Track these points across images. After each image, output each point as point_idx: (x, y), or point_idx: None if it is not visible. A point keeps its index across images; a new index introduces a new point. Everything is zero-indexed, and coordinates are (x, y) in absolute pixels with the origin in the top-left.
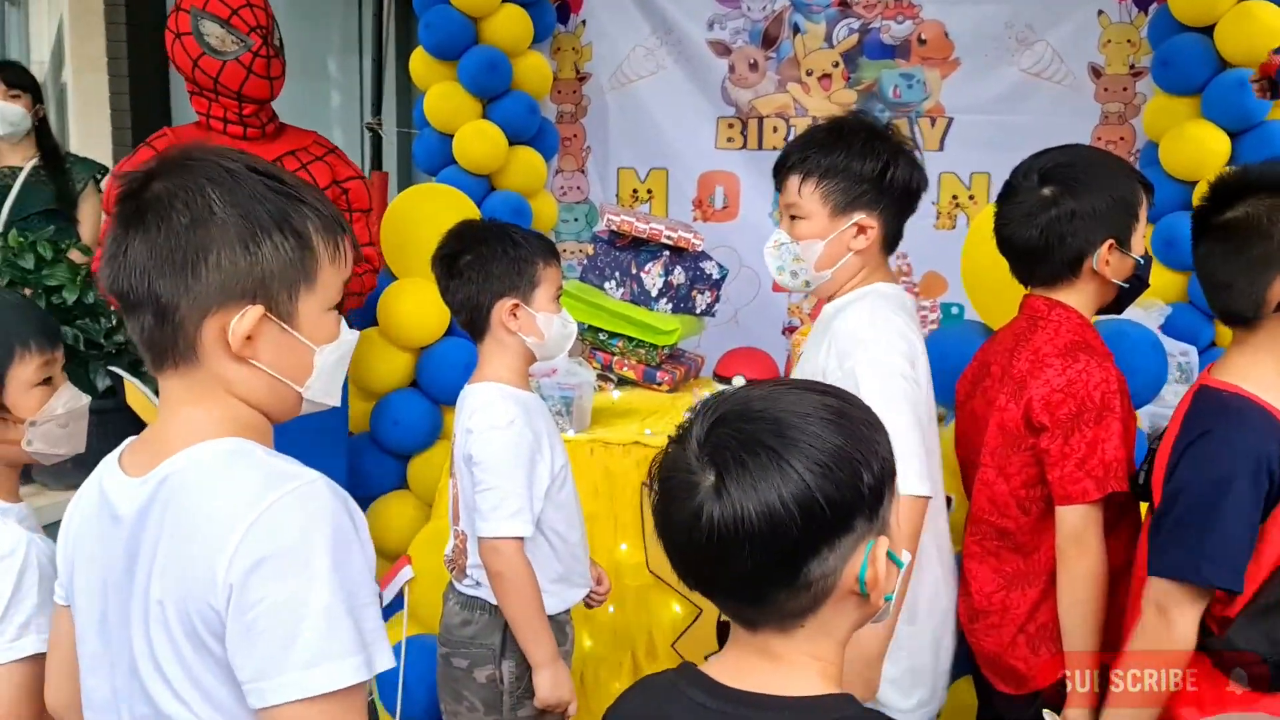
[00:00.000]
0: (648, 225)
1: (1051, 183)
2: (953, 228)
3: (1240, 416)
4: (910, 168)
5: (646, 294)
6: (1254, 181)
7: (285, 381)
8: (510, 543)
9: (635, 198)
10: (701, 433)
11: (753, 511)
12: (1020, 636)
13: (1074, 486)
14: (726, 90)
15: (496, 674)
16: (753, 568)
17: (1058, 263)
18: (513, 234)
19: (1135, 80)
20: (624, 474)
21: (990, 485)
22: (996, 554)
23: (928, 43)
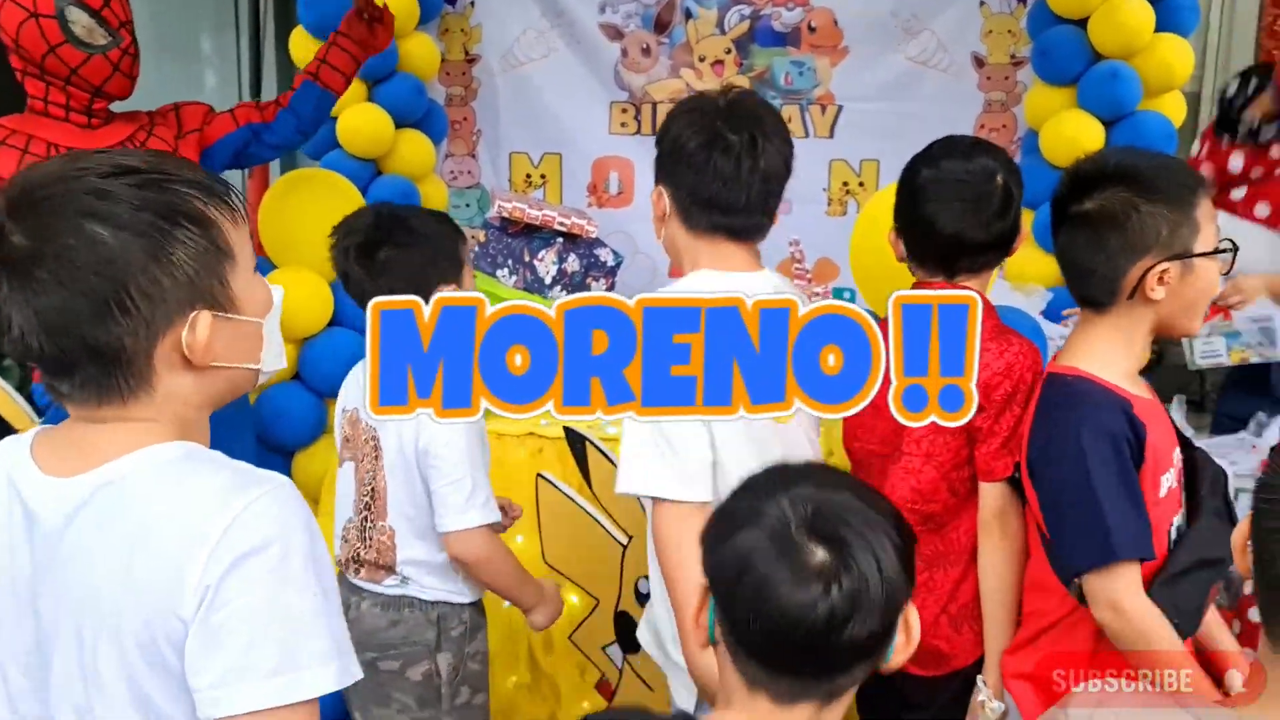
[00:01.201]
0: (540, 212)
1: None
2: (844, 214)
3: (1085, 397)
4: (684, 125)
5: (540, 282)
6: (1110, 173)
7: (244, 367)
8: (485, 530)
9: (528, 183)
10: (792, 509)
11: (875, 584)
12: (943, 617)
13: (997, 463)
14: (619, 75)
15: (432, 669)
16: (860, 642)
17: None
18: (429, 217)
19: (1016, 70)
20: (518, 466)
21: (916, 473)
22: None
23: (818, 30)
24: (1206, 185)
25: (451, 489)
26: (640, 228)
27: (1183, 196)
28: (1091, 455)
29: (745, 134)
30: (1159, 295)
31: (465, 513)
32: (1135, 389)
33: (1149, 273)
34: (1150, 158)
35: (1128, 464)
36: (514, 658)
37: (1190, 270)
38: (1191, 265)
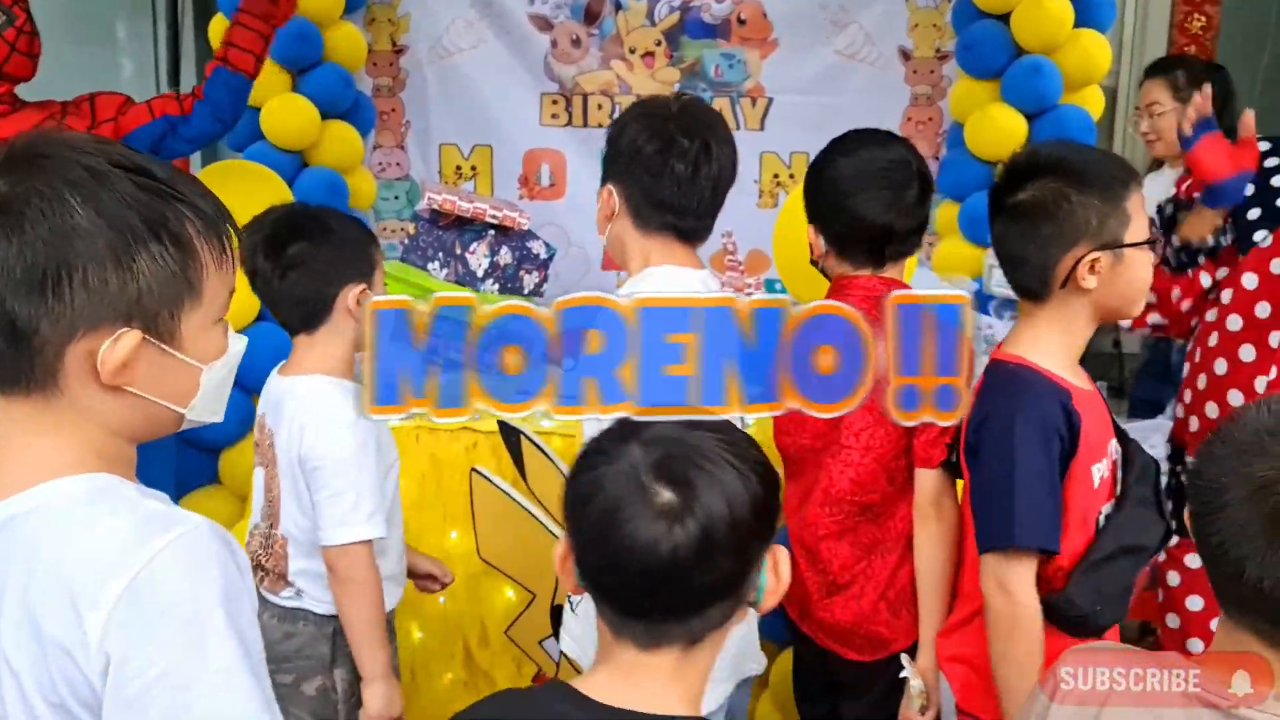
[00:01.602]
0: (471, 204)
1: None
2: (775, 206)
3: (1026, 386)
4: (647, 141)
5: (472, 275)
6: (1043, 164)
7: (165, 405)
8: (362, 547)
9: (459, 175)
10: (642, 452)
11: (720, 524)
12: (881, 602)
13: (935, 450)
14: (550, 66)
15: (327, 684)
16: (711, 583)
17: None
18: (338, 217)
19: (941, 64)
20: (452, 459)
21: (855, 465)
22: (854, 529)
23: (747, 23)
24: (1138, 178)
25: (332, 500)
26: (573, 220)
27: (1113, 188)
28: (1020, 444)
29: (699, 140)
30: (1090, 284)
31: (344, 525)
32: (1075, 379)
33: (1080, 262)
34: (1083, 151)
35: (1053, 458)
36: (449, 655)
37: (1121, 260)
38: (1122, 255)
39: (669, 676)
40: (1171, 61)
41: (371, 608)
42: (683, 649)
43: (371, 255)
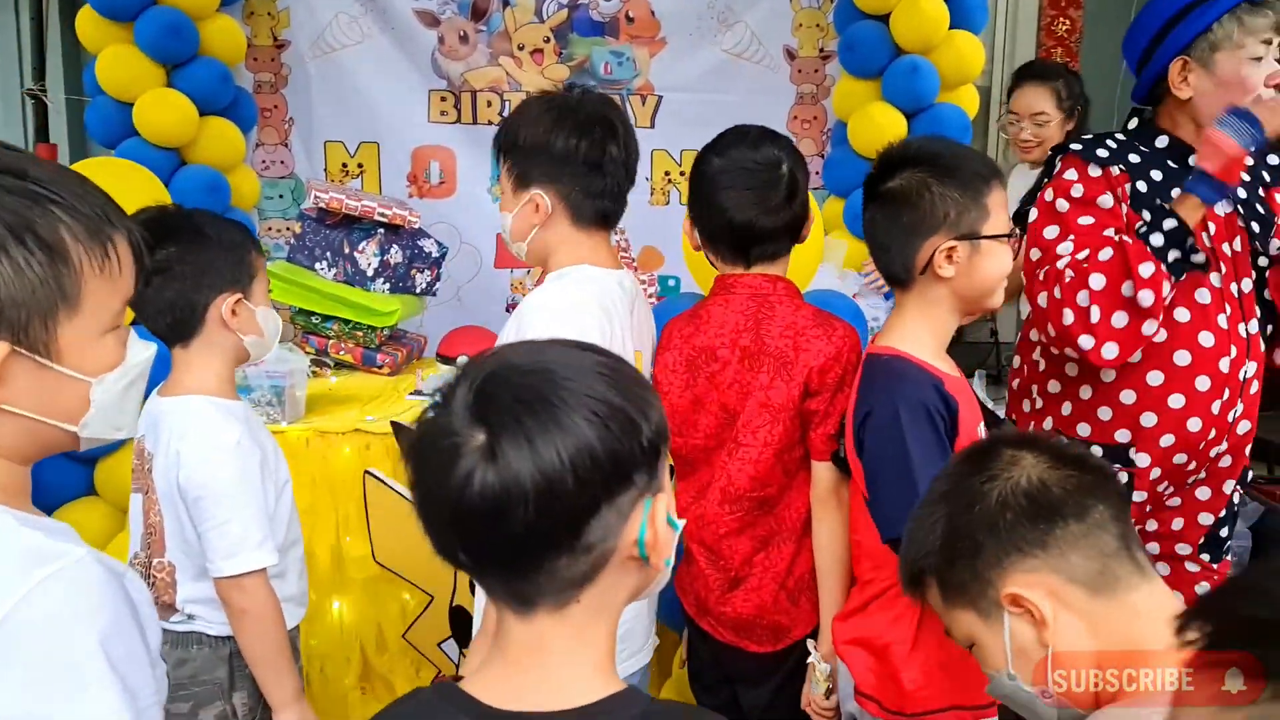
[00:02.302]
0: (360, 202)
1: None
2: (666, 203)
3: (902, 376)
4: (578, 136)
5: (362, 274)
6: (912, 155)
7: (51, 423)
8: (256, 576)
9: (345, 173)
10: (467, 393)
11: (531, 468)
12: (781, 592)
13: (832, 443)
14: (437, 62)
15: (227, 709)
16: (532, 531)
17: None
18: (215, 221)
19: (825, 63)
20: (344, 464)
21: (754, 461)
22: (753, 523)
23: (635, 21)
24: (1000, 176)
25: (219, 531)
26: (464, 217)
27: (974, 183)
28: (908, 429)
29: (617, 125)
30: (948, 273)
31: (233, 557)
32: (944, 366)
33: (937, 250)
34: (951, 146)
35: (941, 437)
36: (345, 661)
37: (978, 251)
38: (979, 246)
39: (559, 655)
40: (1048, 69)
41: (272, 636)
42: (552, 609)
43: (249, 263)
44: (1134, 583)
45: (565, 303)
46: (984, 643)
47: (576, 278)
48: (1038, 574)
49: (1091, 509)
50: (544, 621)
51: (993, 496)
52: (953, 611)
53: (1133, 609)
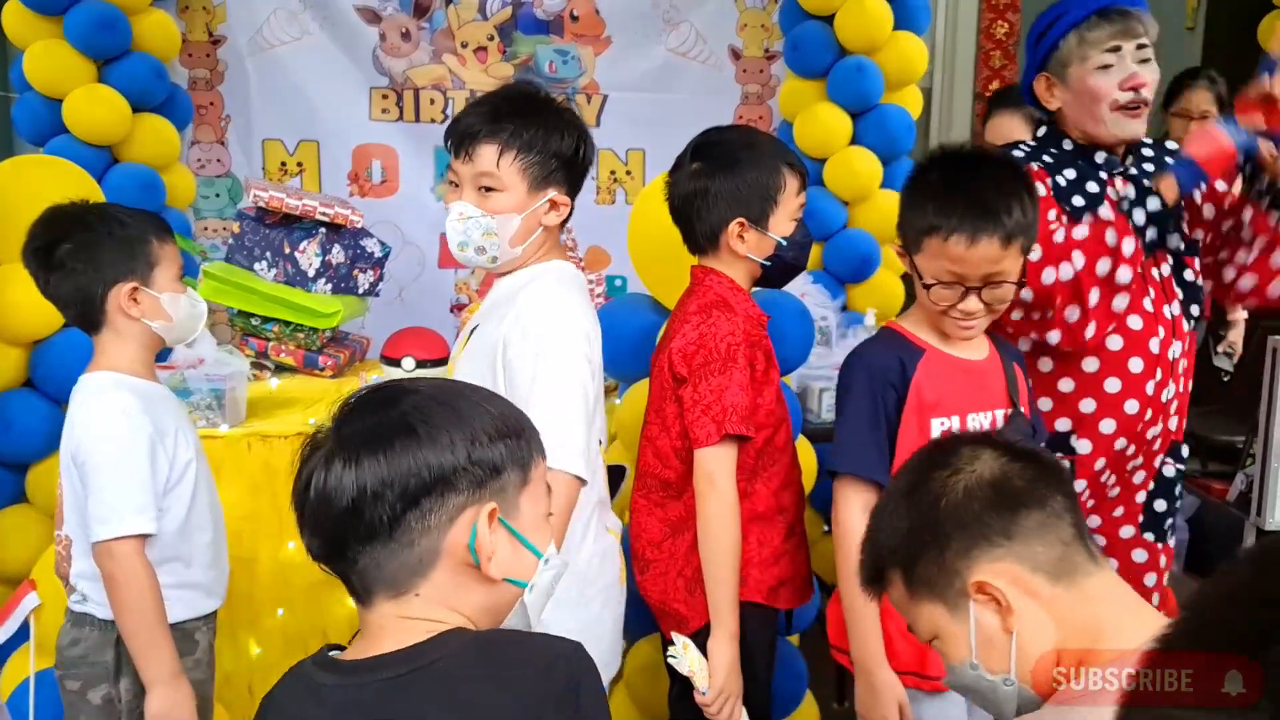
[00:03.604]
0: (300, 201)
1: (698, 159)
2: (612, 203)
3: (876, 340)
4: (593, 148)
5: (303, 274)
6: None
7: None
8: (128, 543)
9: (284, 171)
10: (336, 412)
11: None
12: (679, 580)
13: (700, 430)
14: (379, 59)
15: (113, 693)
16: (350, 520)
17: (698, 234)
18: (115, 213)
19: (770, 63)
20: (286, 468)
21: (654, 440)
22: (662, 504)
23: (580, 19)
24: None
25: (96, 496)
26: (407, 217)
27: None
28: (852, 384)
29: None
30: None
31: (106, 522)
32: (944, 345)
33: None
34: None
35: (875, 395)
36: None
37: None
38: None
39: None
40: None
41: (144, 609)
42: (390, 599)
43: (147, 251)
44: (1089, 569)
45: (575, 299)
46: (949, 634)
47: (567, 273)
48: (1002, 562)
49: (1050, 499)
50: (384, 608)
51: (959, 489)
52: (918, 605)
53: (1089, 594)
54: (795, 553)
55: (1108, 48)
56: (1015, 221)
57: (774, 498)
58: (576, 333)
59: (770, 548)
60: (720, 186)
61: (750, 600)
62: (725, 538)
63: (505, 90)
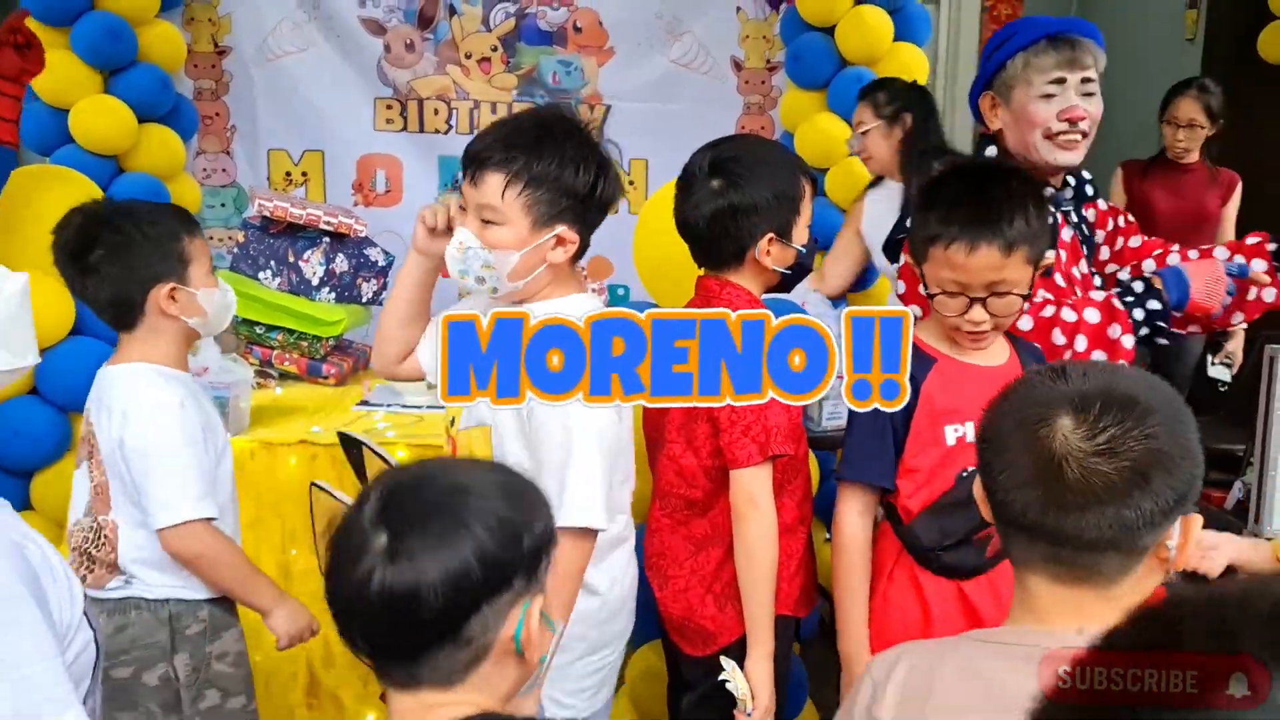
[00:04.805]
0: (304, 210)
1: (719, 175)
2: (615, 212)
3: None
4: (615, 183)
5: (307, 283)
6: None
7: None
8: (199, 525)
9: (289, 181)
10: (376, 499)
11: (423, 572)
12: (708, 596)
13: (740, 451)
14: (383, 70)
15: (170, 671)
16: (419, 628)
17: (724, 251)
18: (142, 212)
19: (771, 74)
20: (290, 476)
21: (677, 459)
22: (686, 523)
23: (583, 30)
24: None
25: (160, 484)
26: (410, 226)
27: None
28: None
29: (612, 166)
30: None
31: (173, 507)
32: (952, 352)
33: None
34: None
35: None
36: (291, 677)
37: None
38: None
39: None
40: (877, 83)
41: (233, 565)
42: (437, 690)
43: (180, 250)
44: None
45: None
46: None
47: (577, 311)
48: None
49: None
50: (429, 696)
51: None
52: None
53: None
54: (810, 560)
55: (1052, 78)
56: (1017, 231)
57: (798, 509)
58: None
59: (795, 559)
60: (749, 202)
61: (780, 613)
62: (767, 558)
63: (528, 115)
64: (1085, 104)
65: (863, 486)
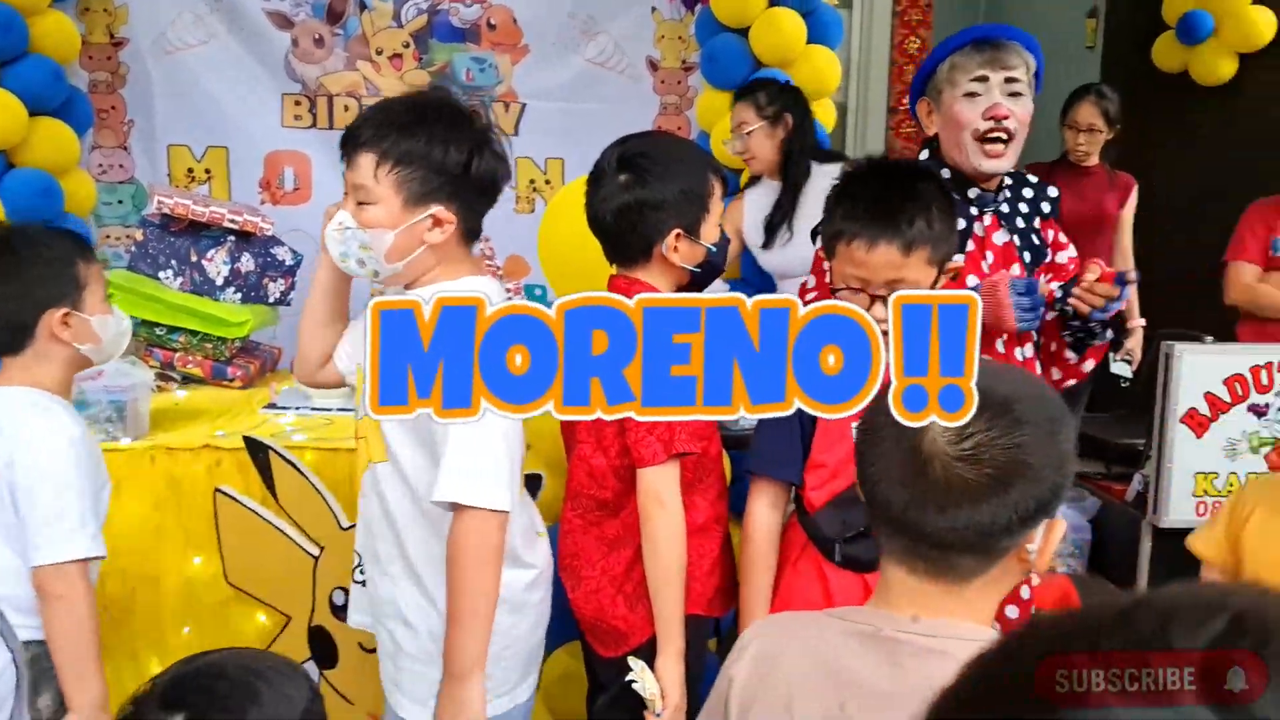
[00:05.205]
0: (207, 208)
1: (627, 170)
2: (532, 211)
3: None
4: (495, 160)
5: (210, 283)
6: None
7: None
8: (81, 566)
9: (191, 178)
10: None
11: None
12: (619, 597)
13: (646, 450)
14: (291, 65)
15: (33, 713)
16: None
17: (632, 247)
18: (38, 234)
19: (687, 74)
20: (194, 481)
21: (588, 460)
22: (598, 523)
23: (497, 28)
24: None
25: (51, 519)
26: (320, 224)
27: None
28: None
29: (500, 145)
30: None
31: (62, 543)
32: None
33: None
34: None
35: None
36: None
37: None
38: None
39: None
40: (755, 84)
41: (87, 632)
42: None
43: (74, 275)
44: None
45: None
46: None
47: (477, 289)
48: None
49: None
50: None
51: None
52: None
53: None
54: (728, 560)
55: (975, 76)
56: (917, 231)
57: (711, 508)
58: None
59: (709, 558)
60: (655, 198)
61: (691, 613)
62: (675, 557)
63: (405, 97)
64: (1009, 103)
65: (772, 481)
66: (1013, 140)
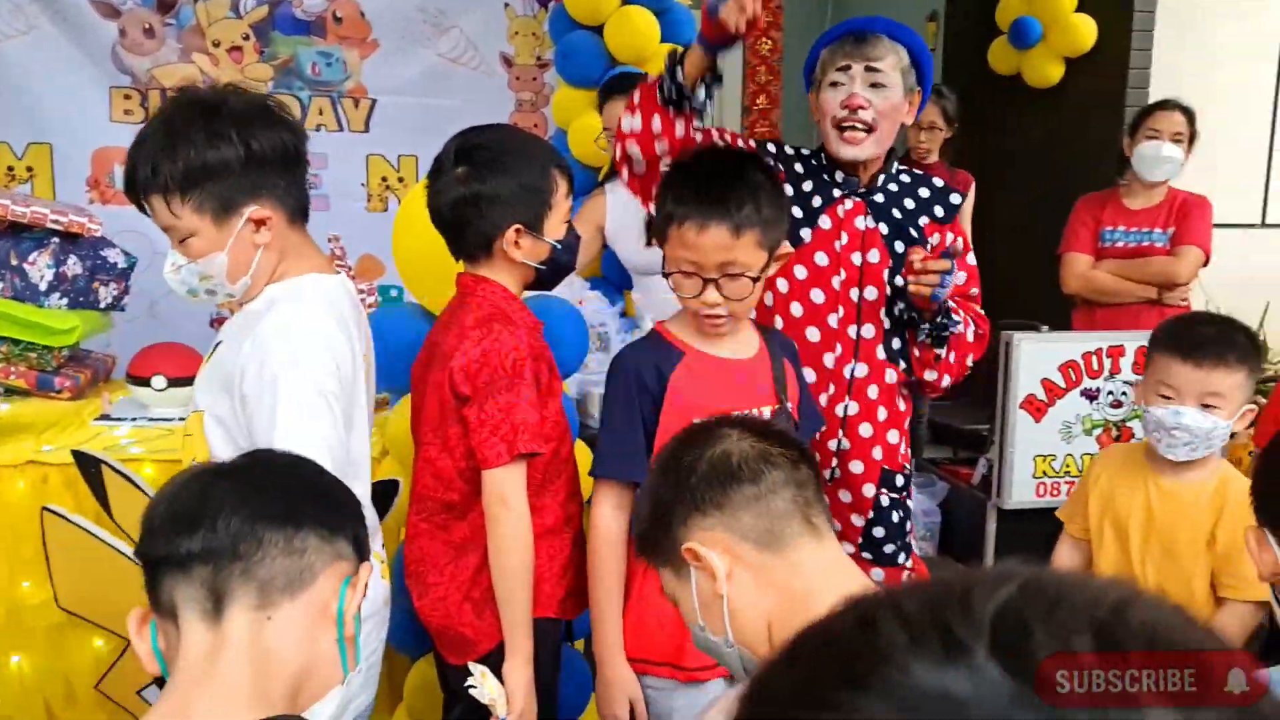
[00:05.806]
0: (29, 209)
1: (463, 163)
2: (385, 210)
3: (634, 345)
4: (275, 128)
5: (34, 288)
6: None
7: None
8: None
9: (12, 177)
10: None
11: None
12: (466, 603)
13: (490, 451)
14: (119, 57)
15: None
16: None
17: (470, 242)
18: None
19: (543, 71)
20: (19, 500)
21: (434, 462)
22: (445, 527)
23: (344, 21)
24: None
25: None
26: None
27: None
28: (612, 389)
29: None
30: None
31: None
32: (706, 347)
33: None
34: None
35: (632, 400)
36: (30, 718)
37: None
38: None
39: None
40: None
41: None
42: None
43: None
44: (802, 542)
45: (308, 324)
46: (679, 597)
47: (310, 293)
48: (713, 531)
49: (765, 475)
50: None
51: (685, 465)
52: (660, 571)
53: (796, 564)
54: (581, 562)
55: (839, 66)
56: (746, 214)
57: (562, 509)
58: (317, 367)
59: (560, 560)
60: (493, 191)
61: (542, 616)
62: (521, 559)
63: (154, 120)
64: (869, 94)
65: (617, 483)
66: (874, 130)
